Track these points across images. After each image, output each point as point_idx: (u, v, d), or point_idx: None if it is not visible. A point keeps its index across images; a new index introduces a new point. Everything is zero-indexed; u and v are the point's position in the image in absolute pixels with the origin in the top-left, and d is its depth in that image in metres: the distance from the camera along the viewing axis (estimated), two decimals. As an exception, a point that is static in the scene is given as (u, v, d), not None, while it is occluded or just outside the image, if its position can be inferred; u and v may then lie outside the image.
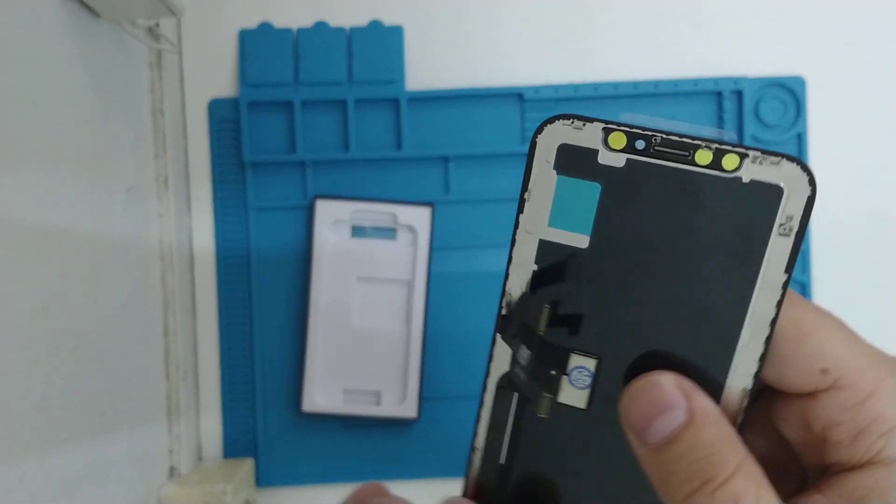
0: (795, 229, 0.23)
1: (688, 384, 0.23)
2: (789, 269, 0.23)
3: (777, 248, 0.23)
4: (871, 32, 0.71)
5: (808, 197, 0.23)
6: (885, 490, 0.21)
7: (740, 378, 0.24)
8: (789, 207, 0.23)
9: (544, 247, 0.25)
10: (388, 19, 0.70)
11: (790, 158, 0.23)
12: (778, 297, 0.23)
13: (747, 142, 0.69)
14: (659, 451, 0.22)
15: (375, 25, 0.69)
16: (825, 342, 0.22)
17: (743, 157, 0.24)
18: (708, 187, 0.24)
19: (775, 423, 0.25)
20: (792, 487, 0.25)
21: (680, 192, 0.24)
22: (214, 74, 0.70)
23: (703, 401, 0.22)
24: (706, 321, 0.24)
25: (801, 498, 0.23)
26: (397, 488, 0.71)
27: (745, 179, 0.24)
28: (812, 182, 0.23)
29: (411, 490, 0.70)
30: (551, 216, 0.25)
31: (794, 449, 0.24)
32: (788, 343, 0.23)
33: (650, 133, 0.24)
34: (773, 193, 0.23)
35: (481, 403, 0.28)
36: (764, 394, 0.25)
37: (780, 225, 0.23)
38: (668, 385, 0.23)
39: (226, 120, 0.70)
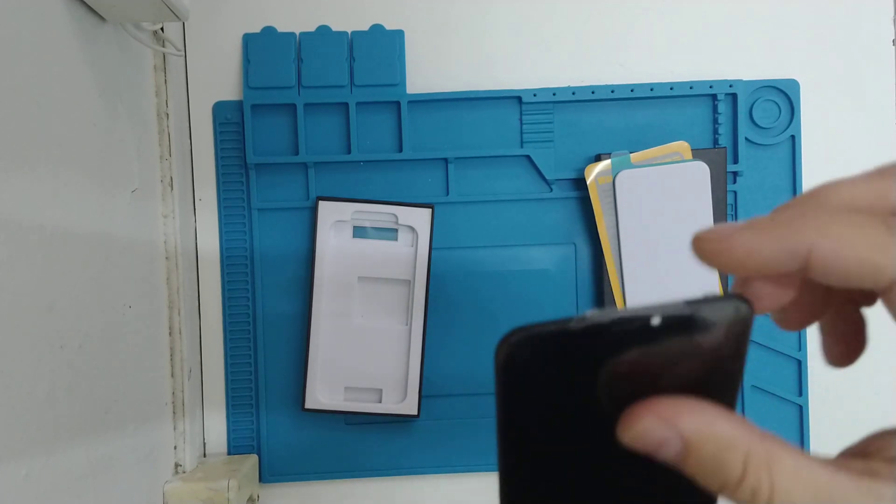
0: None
1: (674, 407, 0.24)
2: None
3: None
4: (863, 37, 0.72)
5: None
6: None
7: None
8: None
9: None
10: (390, 24, 0.70)
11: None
12: None
13: (742, 144, 0.70)
14: (677, 465, 0.25)
15: (377, 30, 0.70)
16: None
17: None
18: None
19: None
20: None
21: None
22: (219, 78, 0.71)
23: (690, 422, 0.24)
24: None
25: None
26: (399, 484, 0.72)
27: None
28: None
29: (413, 486, 0.72)
30: None
31: None
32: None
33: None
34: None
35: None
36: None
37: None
38: (654, 428, 0.24)
39: (230, 122, 0.71)
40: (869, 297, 0.28)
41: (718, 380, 0.26)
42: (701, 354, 0.25)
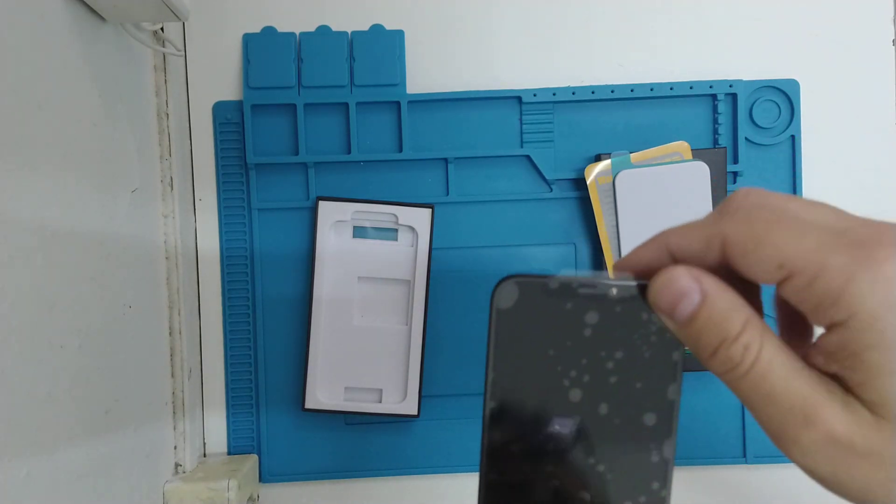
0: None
1: (696, 271, 0.29)
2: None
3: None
4: (863, 37, 0.72)
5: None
6: (845, 346, 0.26)
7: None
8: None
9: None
10: (390, 24, 0.70)
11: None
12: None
13: (742, 144, 0.70)
14: (687, 326, 0.29)
15: (377, 30, 0.70)
16: (779, 244, 0.27)
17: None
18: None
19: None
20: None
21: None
22: (219, 78, 0.71)
23: (710, 281, 0.29)
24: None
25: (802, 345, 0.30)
26: (399, 484, 0.72)
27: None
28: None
29: (412, 485, 0.72)
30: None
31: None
32: (749, 250, 0.28)
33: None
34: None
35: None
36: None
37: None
38: (682, 276, 0.29)
39: (230, 122, 0.71)
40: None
41: (663, 363, 0.31)
42: (648, 332, 0.30)
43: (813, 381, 0.27)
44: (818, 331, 0.29)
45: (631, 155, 0.68)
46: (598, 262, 0.70)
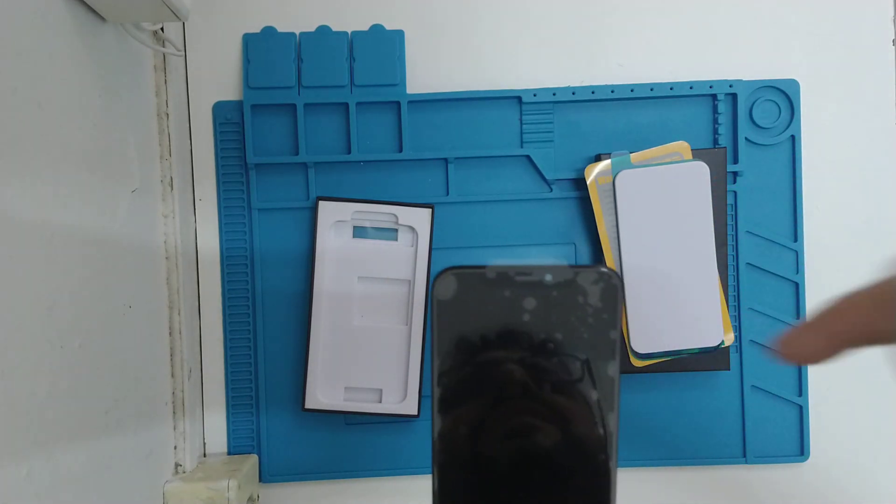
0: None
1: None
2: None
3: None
4: (863, 37, 0.72)
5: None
6: None
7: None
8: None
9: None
10: (390, 24, 0.70)
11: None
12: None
13: (742, 144, 0.70)
14: None
15: (377, 30, 0.70)
16: None
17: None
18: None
19: None
20: None
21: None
22: (219, 78, 0.71)
23: None
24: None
25: None
26: (399, 484, 0.72)
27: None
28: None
29: (412, 486, 0.72)
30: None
31: None
32: None
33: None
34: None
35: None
36: None
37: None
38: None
39: (230, 122, 0.71)
40: None
41: (602, 342, 0.32)
42: (585, 314, 0.32)
43: None
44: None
45: (631, 155, 0.68)
46: (597, 262, 0.70)
